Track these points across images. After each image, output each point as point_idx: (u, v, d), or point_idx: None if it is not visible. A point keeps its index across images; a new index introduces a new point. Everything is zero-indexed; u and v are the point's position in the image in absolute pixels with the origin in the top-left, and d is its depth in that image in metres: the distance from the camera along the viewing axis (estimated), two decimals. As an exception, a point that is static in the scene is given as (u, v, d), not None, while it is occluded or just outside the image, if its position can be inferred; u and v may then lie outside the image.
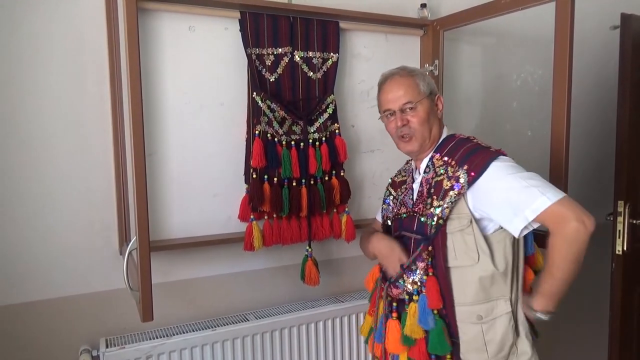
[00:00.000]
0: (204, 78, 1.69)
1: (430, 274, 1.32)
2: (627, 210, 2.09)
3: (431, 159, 1.40)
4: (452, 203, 1.29)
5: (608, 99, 2.41)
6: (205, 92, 1.70)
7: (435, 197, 1.33)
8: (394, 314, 1.40)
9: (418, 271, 1.35)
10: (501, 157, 1.29)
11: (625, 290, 2.17)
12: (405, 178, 1.52)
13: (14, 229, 1.52)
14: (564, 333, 2.63)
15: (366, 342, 1.58)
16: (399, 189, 1.51)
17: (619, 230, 2.11)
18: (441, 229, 1.31)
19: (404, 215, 1.44)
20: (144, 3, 1.54)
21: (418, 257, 1.34)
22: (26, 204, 1.53)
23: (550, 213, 1.19)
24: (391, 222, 1.51)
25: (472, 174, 1.27)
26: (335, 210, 1.86)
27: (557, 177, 1.51)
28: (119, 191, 1.61)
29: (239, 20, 1.68)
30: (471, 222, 1.29)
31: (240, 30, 1.69)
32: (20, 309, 1.54)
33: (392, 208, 1.51)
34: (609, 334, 2.23)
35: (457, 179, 1.29)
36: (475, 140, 1.37)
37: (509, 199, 1.23)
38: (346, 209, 1.87)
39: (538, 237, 1.40)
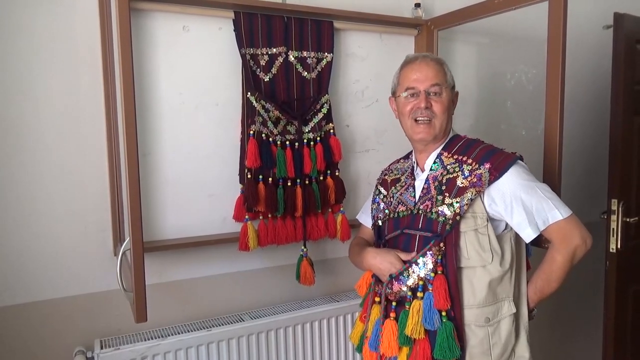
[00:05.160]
0: (199, 78, 1.69)
1: (439, 272, 1.26)
2: (620, 208, 2.11)
3: (439, 155, 1.37)
4: (471, 200, 1.25)
5: (601, 98, 2.42)
6: (199, 93, 1.69)
7: (447, 194, 1.29)
8: (392, 314, 1.32)
9: (426, 266, 1.27)
10: (519, 161, 1.31)
11: (619, 288, 2.19)
12: (399, 176, 1.47)
13: (7, 230, 1.51)
14: (559, 329, 2.64)
15: (358, 350, 1.47)
16: (393, 187, 1.46)
17: (613, 229, 2.13)
18: (455, 226, 1.26)
19: (403, 213, 1.38)
20: (137, 3, 1.54)
21: (426, 254, 1.28)
22: (19, 205, 1.52)
23: (558, 228, 1.25)
24: (382, 222, 1.45)
25: (494, 173, 1.26)
26: (330, 210, 1.87)
27: (550, 175, 1.51)
28: (113, 192, 1.60)
29: (233, 20, 1.68)
30: (488, 221, 1.27)
31: (234, 30, 1.69)
32: (15, 310, 1.54)
33: (384, 207, 1.46)
34: (603, 330, 2.24)
35: (479, 177, 1.26)
36: (487, 143, 1.36)
37: (526, 206, 1.25)
38: (341, 209, 1.87)
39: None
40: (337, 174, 1.85)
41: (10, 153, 1.50)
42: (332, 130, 1.83)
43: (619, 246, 2.12)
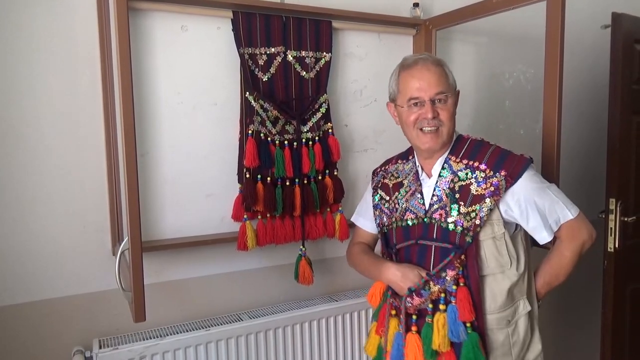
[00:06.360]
0: (197, 78, 1.69)
1: (462, 284, 1.24)
2: (618, 208, 2.11)
3: (447, 160, 1.33)
4: (490, 210, 1.24)
5: (599, 97, 2.42)
6: (198, 92, 1.69)
7: (462, 202, 1.26)
8: (414, 328, 1.28)
9: (447, 279, 1.25)
10: (531, 165, 1.31)
11: (617, 287, 2.19)
12: (401, 180, 1.41)
13: (6, 230, 1.51)
14: (557, 327, 2.64)
15: None
16: (397, 192, 1.40)
17: (611, 228, 2.13)
18: (475, 237, 1.24)
19: (413, 222, 1.33)
20: (136, 3, 1.54)
21: (447, 266, 1.25)
22: (19, 205, 1.52)
23: (568, 227, 1.29)
24: (388, 229, 1.40)
25: (510, 180, 1.25)
26: (328, 209, 1.87)
27: (548, 175, 1.51)
28: (111, 191, 1.60)
29: (232, 19, 1.68)
30: (504, 228, 1.27)
31: (232, 30, 1.69)
32: (13, 310, 1.53)
33: (389, 213, 1.40)
34: (601, 328, 2.25)
35: (497, 186, 1.25)
36: (492, 143, 1.34)
37: (540, 209, 1.27)
38: (339, 208, 1.87)
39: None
40: (335, 173, 1.85)
41: (10, 153, 1.49)
42: (330, 130, 1.83)
43: (616, 245, 2.13)
